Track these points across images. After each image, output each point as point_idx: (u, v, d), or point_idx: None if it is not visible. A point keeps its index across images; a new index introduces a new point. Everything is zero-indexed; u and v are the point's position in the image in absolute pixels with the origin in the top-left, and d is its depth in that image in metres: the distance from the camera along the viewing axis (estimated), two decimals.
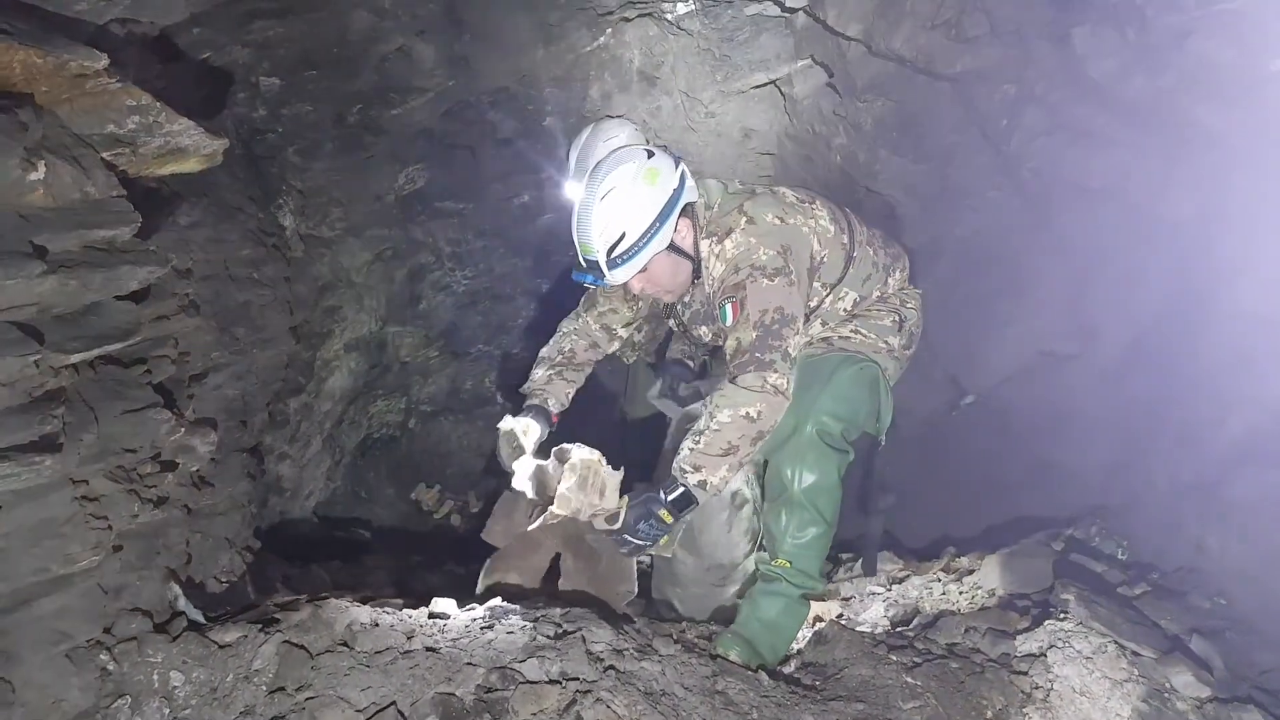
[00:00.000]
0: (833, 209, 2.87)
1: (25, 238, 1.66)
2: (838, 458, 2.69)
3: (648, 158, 2.61)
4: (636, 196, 2.54)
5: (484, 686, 2.11)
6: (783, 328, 2.52)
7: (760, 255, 2.56)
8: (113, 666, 2.05)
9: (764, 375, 2.47)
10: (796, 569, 2.68)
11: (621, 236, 2.53)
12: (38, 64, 1.64)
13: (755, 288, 2.53)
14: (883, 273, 2.92)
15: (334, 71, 3.79)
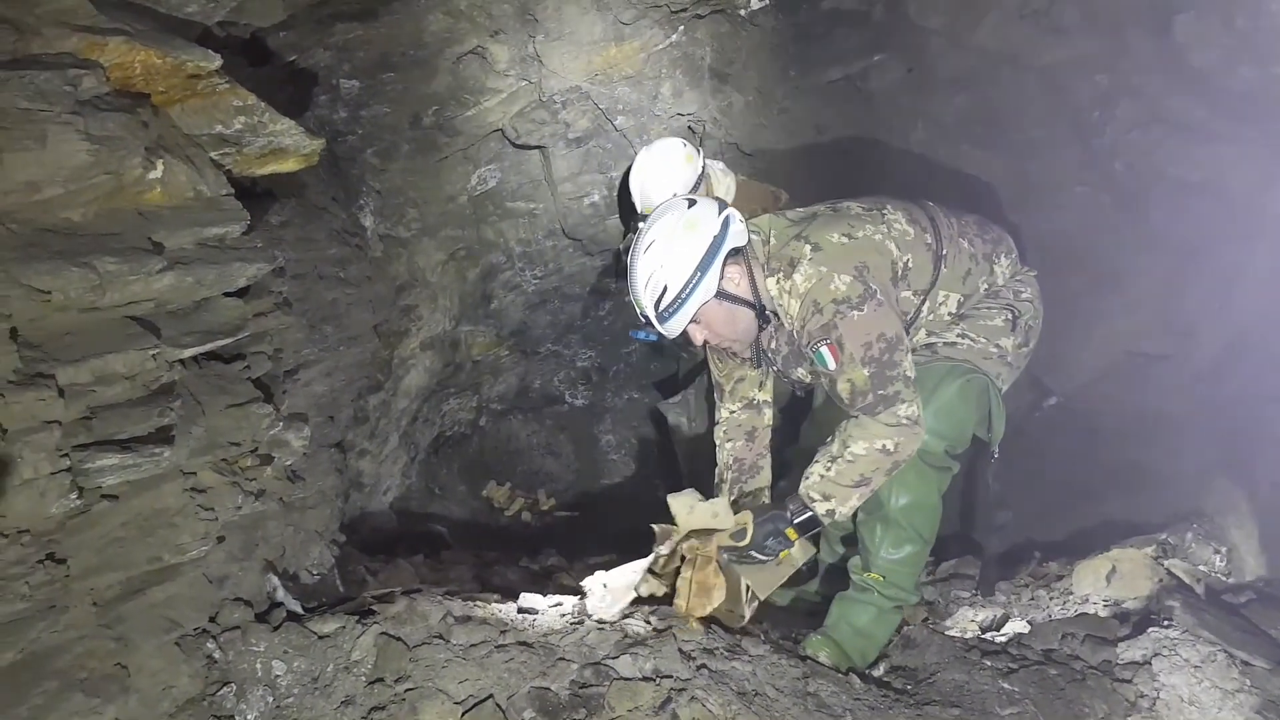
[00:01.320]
0: (910, 209, 2.63)
1: (145, 234, 1.70)
2: (938, 476, 2.59)
3: (687, 207, 2.51)
4: (675, 248, 2.44)
5: (578, 682, 2.11)
6: (892, 353, 2.36)
7: (838, 286, 2.37)
8: (218, 655, 2.09)
9: (895, 410, 2.37)
10: (890, 583, 2.62)
11: (664, 290, 2.44)
12: (156, 64, 1.68)
13: (847, 324, 2.35)
14: (985, 263, 2.67)
15: (411, 73, 3.84)
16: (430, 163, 4.08)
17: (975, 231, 2.70)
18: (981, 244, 2.69)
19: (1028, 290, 2.77)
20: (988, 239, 2.72)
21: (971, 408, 2.59)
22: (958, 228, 2.67)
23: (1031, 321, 2.73)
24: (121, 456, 1.68)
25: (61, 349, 1.59)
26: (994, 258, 2.71)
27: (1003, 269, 2.74)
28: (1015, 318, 2.67)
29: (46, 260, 1.51)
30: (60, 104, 1.51)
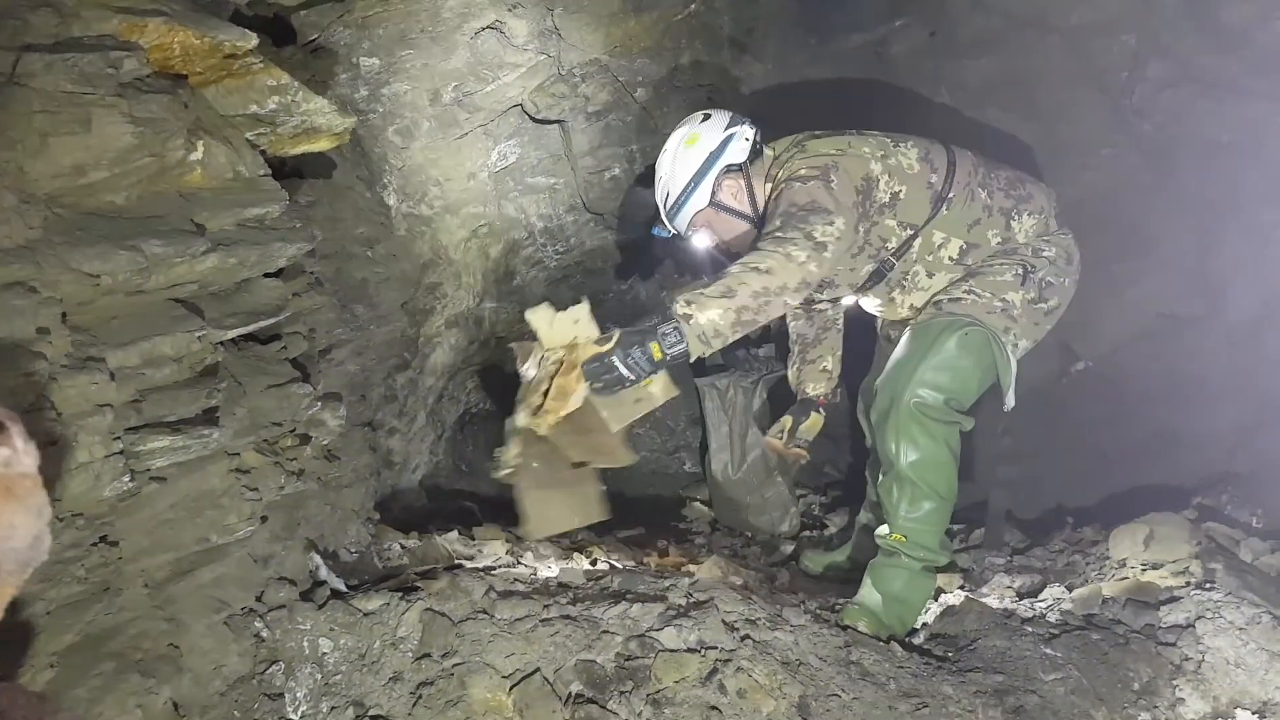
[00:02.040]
0: (930, 149, 2.76)
1: (187, 216, 1.69)
2: (944, 430, 2.62)
3: (700, 121, 2.84)
4: (678, 159, 2.81)
5: (624, 654, 2.12)
6: (809, 215, 2.42)
7: (797, 166, 2.60)
8: (266, 633, 2.11)
9: (783, 246, 2.36)
10: (914, 543, 2.64)
11: (668, 194, 2.84)
12: (195, 44, 1.67)
13: (788, 191, 2.54)
14: (999, 216, 2.72)
15: (430, 50, 3.81)
16: (450, 140, 4.06)
17: (1001, 186, 2.75)
18: (1003, 198, 2.74)
19: (1051, 250, 2.77)
20: (1013, 195, 2.76)
21: (972, 360, 2.63)
22: (981, 177, 2.74)
23: (1051, 278, 2.73)
24: (172, 438, 1.69)
25: (110, 333, 1.60)
26: (1013, 214, 2.74)
27: (1024, 227, 2.75)
28: (1027, 272, 2.70)
29: (94, 244, 1.51)
30: (103, 86, 1.50)
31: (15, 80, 1.46)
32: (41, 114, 1.44)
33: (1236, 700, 2.12)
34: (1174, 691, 2.18)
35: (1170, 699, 2.17)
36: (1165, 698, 2.18)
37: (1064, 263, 2.78)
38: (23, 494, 0.41)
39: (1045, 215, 2.79)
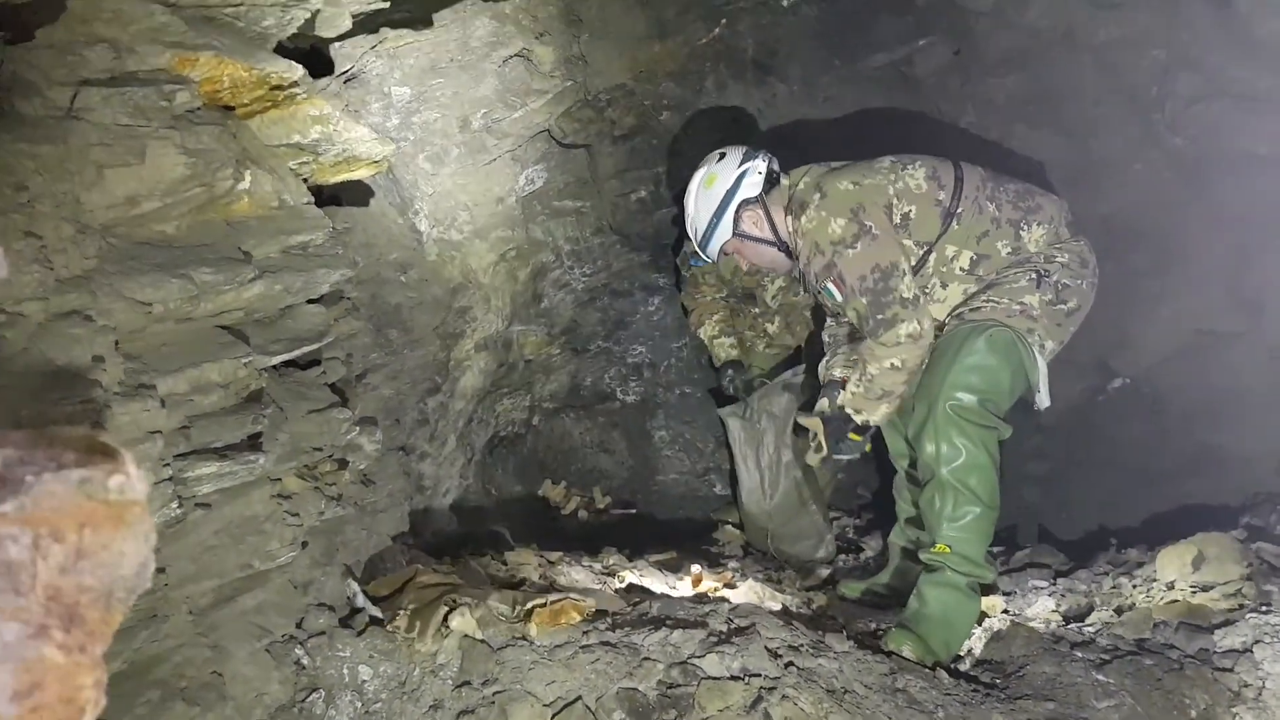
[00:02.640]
0: (937, 167, 2.87)
1: (235, 244, 1.71)
2: (981, 434, 2.62)
3: (716, 161, 3.15)
4: (699, 198, 3.15)
5: (666, 682, 2.10)
6: (887, 280, 2.70)
7: (834, 228, 2.76)
8: (306, 661, 2.11)
9: (895, 330, 2.70)
10: (957, 554, 2.62)
11: (696, 230, 3.17)
12: (243, 77, 1.69)
13: (845, 261, 2.74)
14: (1008, 227, 2.80)
15: (459, 78, 3.85)
16: (480, 165, 4.09)
17: (1009, 199, 2.84)
18: (1011, 210, 2.82)
19: (1064, 255, 2.82)
20: (1021, 206, 2.84)
21: (1002, 359, 2.67)
22: (989, 191, 2.83)
23: (1067, 281, 2.78)
24: (219, 464, 1.69)
25: (160, 360, 1.61)
26: (1022, 225, 2.82)
27: (1034, 236, 2.82)
28: (1041, 276, 2.77)
29: (147, 273, 1.53)
30: (157, 119, 1.52)
31: (73, 114, 1.48)
32: (98, 146, 1.46)
33: None
34: (1234, 719, 2.13)
35: None
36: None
37: (1078, 266, 2.82)
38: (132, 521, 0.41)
39: (1055, 224, 2.85)
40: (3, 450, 0.40)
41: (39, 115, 1.51)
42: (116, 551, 0.41)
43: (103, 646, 0.39)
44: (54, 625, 0.36)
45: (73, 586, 0.38)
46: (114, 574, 0.40)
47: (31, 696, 0.35)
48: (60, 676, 0.36)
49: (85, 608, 0.39)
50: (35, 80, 1.52)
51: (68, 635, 0.37)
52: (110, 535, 0.40)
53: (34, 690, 0.35)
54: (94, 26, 1.58)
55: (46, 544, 0.38)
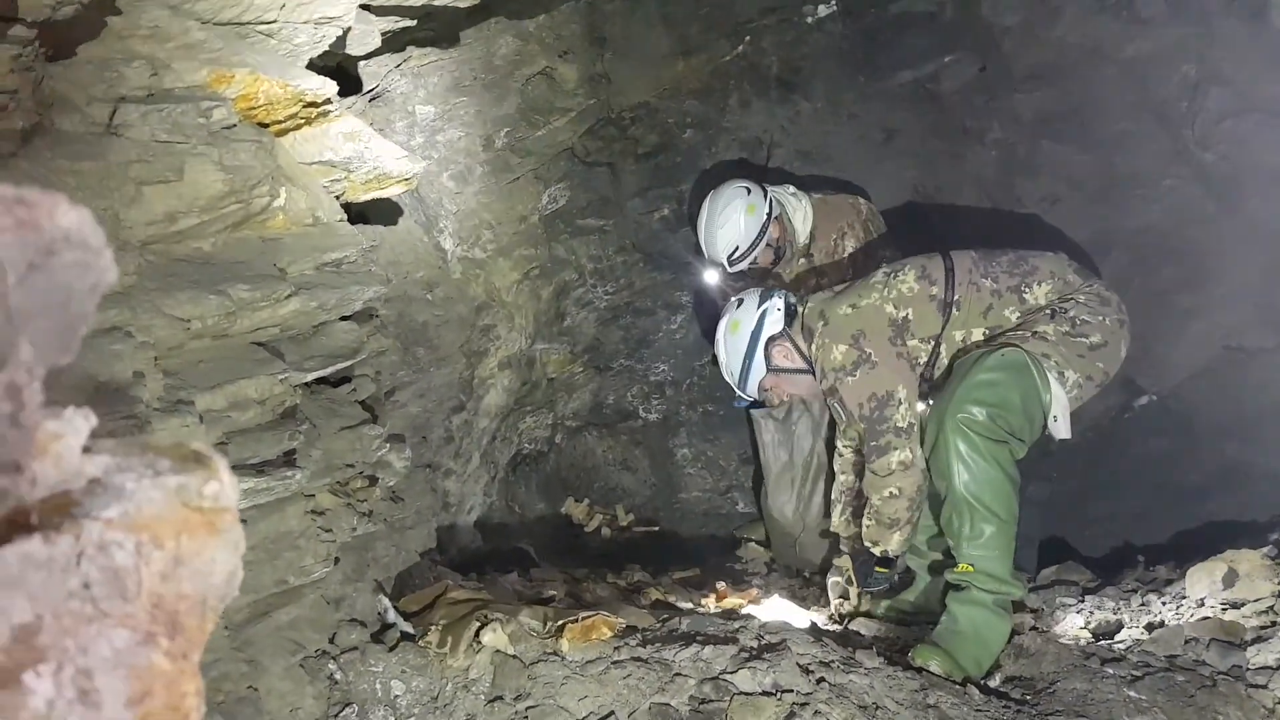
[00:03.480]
0: (926, 265, 2.95)
1: (270, 261, 1.73)
2: (993, 448, 2.61)
3: (737, 308, 3.30)
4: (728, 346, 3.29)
5: (698, 698, 2.09)
6: (882, 409, 2.83)
7: (835, 355, 2.91)
8: (339, 675, 2.11)
9: (888, 458, 2.83)
10: (981, 572, 2.60)
11: (732, 374, 3.29)
12: (278, 94, 1.71)
13: (844, 388, 2.90)
14: (1010, 295, 2.87)
15: (483, 97, 3.87)
16: (503, 184, 4.11)
17: (1004, 269, 2.92)
18: (1008, 279, 2.90)
19: (1080, 297, 2.84)
20: (1017, 273, 2.91)
21: (1011, 376, 2.68)
22: (982, 269, 2.92)
23: (1086, 316, 2.78)
24: (256, 480, 1.70)
25: (198, 376, 1.62)
26: (1023, 289, 2.89)
27: (1038, 295, 2.87)
28: (1056, 313, 2.81)
29: (185, 289, 1.54)
30: (195, 136, 1.54)
31: (112, 130, 1.50)
32: (137, 163, 1.48)
33: None
34: None
35: None
36: None
37: (1098, 304, 2.83)
38: (224, 529, 0.41)
39: (1058, 278, 2.88)
40: (102, 456, 0.40)
41: (79, 132, 1.54)
42: (209, 559, 0.41)
43: (199, 655, 0.39)
44: (160, 632, 0.37)
45: (173, 594, 0.39)
46: (208, 582, 0.40)
47: (143, 704, 0.35)
48: (167, 684, 0.36)
49: (184, 615, 0.39)
50: (74, 97, 1.54)
51: (172, 642, 0.37)
52: (204, 543, 0.41)
53: (145, 698, 0.35)
54: (132, 43, 1.61)
55: (148, 551, 0.38)
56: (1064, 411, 2.70)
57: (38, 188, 0.34)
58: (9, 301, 0.32)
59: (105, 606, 0.35)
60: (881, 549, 2.96)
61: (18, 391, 0.33)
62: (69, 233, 0.35)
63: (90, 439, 0.41)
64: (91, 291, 0.36)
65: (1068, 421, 2.72)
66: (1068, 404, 2.71)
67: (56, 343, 0.35)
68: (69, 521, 0.36)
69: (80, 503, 0.37)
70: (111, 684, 0.34)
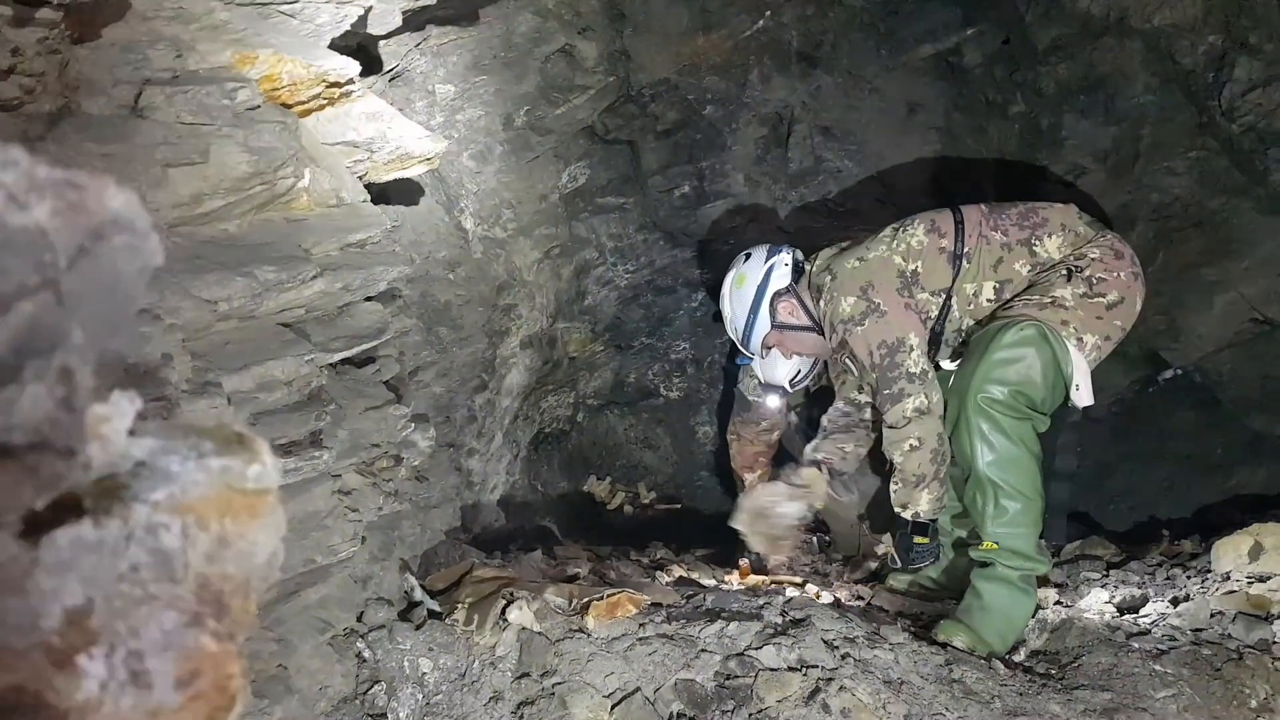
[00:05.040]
0: (935, 219, 2.92)
1: (295, 242, 1.73)
2: (1015, 425, 2.59)
3: (744, 262, 3.29)
4: (733, 299, 3.29)
5: (723, 674, 2.11)
6: (893, 356, 2.79)
7: (844, 307, 2.88)
8: (368, 654, 2.14)
9: (902, 406, 2.78)
10: (1005, 549, 2.59)
11: (735, 329, 3.31)
12: (301, 74, 1.72)
13: (854, 339, 2.87)
14: (1020, 248, 2.83)
15: (502, 75, 3.86)
16: (523, 163, 4.11)
17: (1013, 221, 2.88)
18: (1018, 231, 2.86)
19: (1094, 251, 2.79)
20: (1026, 225, 2.87)
21: (1031, 351, 2.64)
22: (991, 222, 2.88)
23: (1101, 274, 2.74)
24: (284, 461, 1.72)
25: (225, 357, 1.64)
26: (1033, 241, 2.84)
27: (1049, 248, 2.83)
28: (1073, 271, 2.76)
29: (213, 271, 1.55)
30: (220, 118, 1.55)
31: (138, 113, 1.51)
32: (164, 145, 1.49)
33: None
34: None
35: None
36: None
37: (1112, 258, 2.77)
38: (266, 511, 0.42)
39: (1068, 230, 2.84)
40: (148, 440, 0.41)
41: (105, 115, 1.54)
42: (252, 541, 0.42)
43: (244, 636, 0.40)
44: (207, 613, 0.37)
45: (218, 575, 0.39)
46: (251, 563, 0.41)
47: (192, 685, 0.35)
48: (214, 664, 0.37)
49: (229, 596, 0.39)
50: (100, 79, 1.55)
51: (219, 624, 0.38)
52: (247, 524, 0.41)
53: (194, 678, 0.36)
54: (156, 25, 1.61)
55: (194, 532, 0.39)
56: (1086, 378, 2.68)
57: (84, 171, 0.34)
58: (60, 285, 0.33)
59: (154, 589, 0.35)
60: (912, 511, 2.85)
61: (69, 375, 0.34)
62: (118, 215, 0.35)
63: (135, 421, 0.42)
64: (140, 274, 0.36)
65: (1090, 388, 2.69)
66: (1088, 368, 2.69)
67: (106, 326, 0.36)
68: (117, 504, 0.36)
69: (128, 485, 0.38)
70: (162, 665, 0.34)
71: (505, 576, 2.49)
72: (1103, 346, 2.73)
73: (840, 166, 4.59)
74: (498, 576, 2.47)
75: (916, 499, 2.83)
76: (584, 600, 2.32)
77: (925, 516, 2.85)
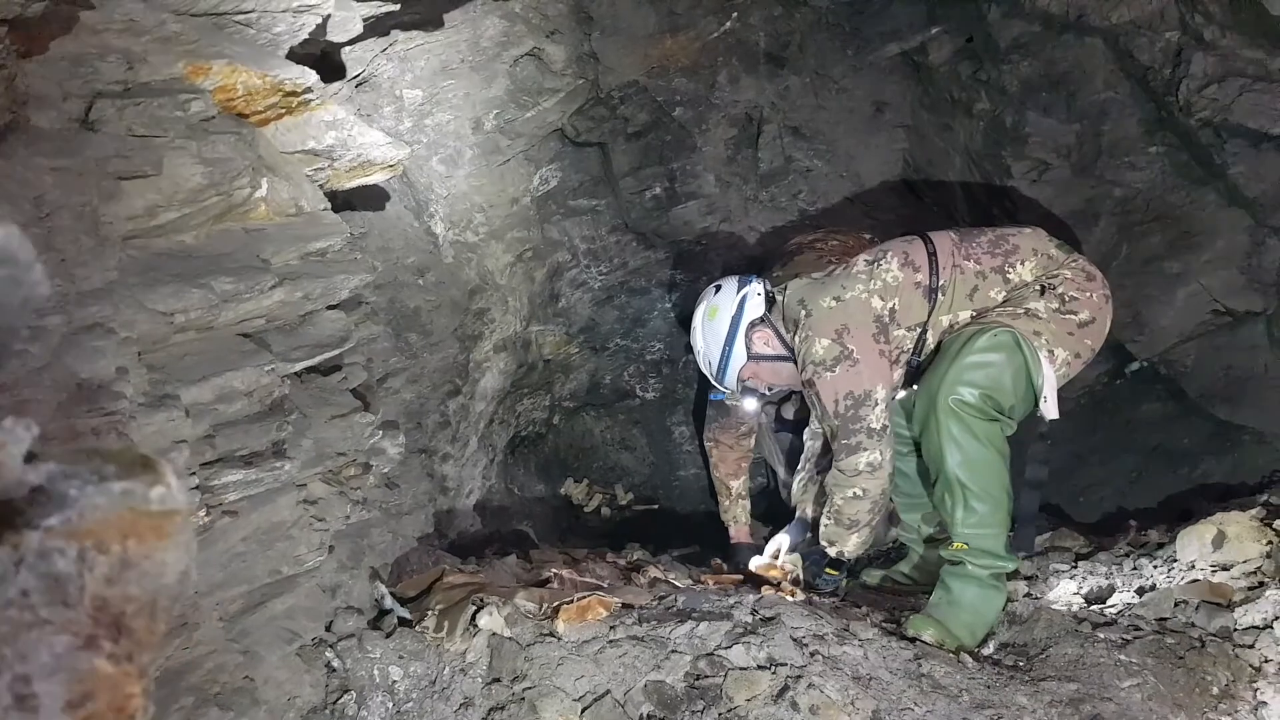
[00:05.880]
0: (909, 251, 2.89)
1: (254, 252, 1.73)
2: (984, 427, 2.61)
3: (714, 294, 3.22)
4: (706, 332, 3.21)
5: (693, 674, 2.12)
6: (857, 408, 2.79)
7: (818, 349, 2.83)
8: (337, 663, 2.14)
9: (856, 459, 2.80)
10: (975, 549, 2.61)
11: (709, 363, 3.24)
12: (257, 84, 1.72)
13: (822, 383, 2.83)
14: (995, 275, 2.83)
15: (471, 79, 3.86)
16: (493, 166, 4.11)
17: (984, 250, 2.88)
18: (990, 259, 2.86)
19: (1066, 272, 2.82)
20: (998, 253, 2.87)
21: (1003, 357, 2.66)
22: (964, 251, 2.87)
23: (1074, 293, 2.77)
24: (245, 472, 1.72)
25: (183, 369, 1.64)
26: (1006, 268, 2.85)
27: (1022, 272, 2.84)
28: (1045, 288, 2.78)
29: (168, 283, 1.55)
30: (173, 129, 1.55)
31: (89, 126, 1.50)
32: (116, 158, 1.48)
33: None
34: (1255, 694, 2.13)
35: (1252, 702, 2.12)
36: (1246, 701, 2.13)
37: (1084, 279, 2.81)
38: (173, 531, 0.42)
39: (1040, 254, 2.85)
40: (46, 465, 0.41)
41: (55, 128, 1.54)
42: (159, 561, 0.42)
43: (149, 655, 0.41)
44: (102, 636, 0.38)
45: (119, 597, 0.40)
46: (157, 583, 0.42)
47: (84, 706, 0.36)
48: (110, 686, 0.38)
49: (131, 618, 0.40)
50: (50, 93, 1.54)
51: (116, 645, 0.38)
52: (153, 545, 0.42)
53: (86, 700, 0.36)
54: (106, 37, 1.61)
55: (92, 556, 0.39)
56: (1053, 391, 2.69)
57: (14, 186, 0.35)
58: None
59: (45, 613, 0.36)
60: (837, 550, 2.94)
61: None
62: None
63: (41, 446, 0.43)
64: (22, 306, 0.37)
65: (1056, 401, 2.70)
66: (1056, 383, 2.70)
67: None
68: (9, 531, 0.37)
69: (22, 512, 0.38)
70: (50, 689, 0.35)
71: (476, 582, 2.49)
72: (1072, 364, 2.76)
73: (810, 165, 4.61)
74: (468, 582, 2.47)
75: (845, 540, 2.92)
76: (554, 604, 2.33)
77: (847, 557, 2.97)
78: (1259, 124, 3.04)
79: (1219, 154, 3.23)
